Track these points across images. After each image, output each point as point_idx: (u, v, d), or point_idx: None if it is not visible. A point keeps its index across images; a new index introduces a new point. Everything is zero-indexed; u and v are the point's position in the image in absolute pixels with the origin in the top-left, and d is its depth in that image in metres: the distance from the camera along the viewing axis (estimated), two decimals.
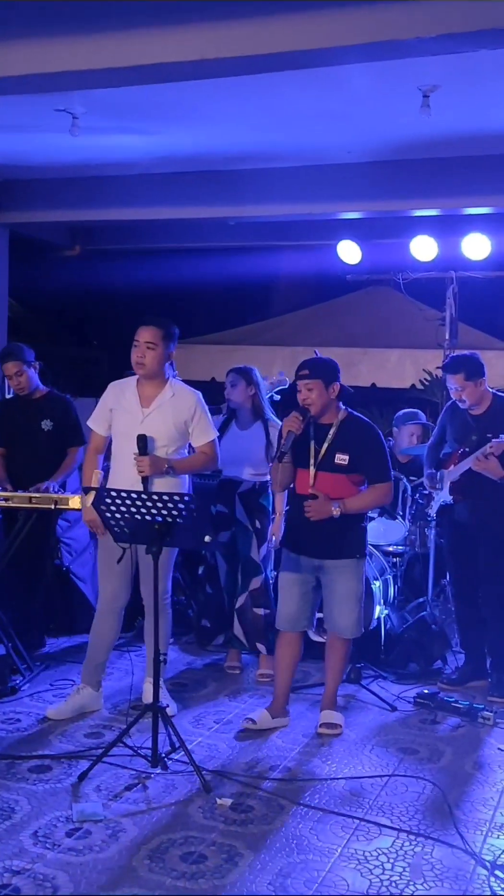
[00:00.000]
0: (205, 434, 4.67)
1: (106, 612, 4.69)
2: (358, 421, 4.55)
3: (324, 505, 4.37)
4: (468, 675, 5.33)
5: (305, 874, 3.23)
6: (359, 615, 4.56)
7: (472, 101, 5.31)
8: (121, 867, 3.22)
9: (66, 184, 7.68)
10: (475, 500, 5.13)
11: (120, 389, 4.68)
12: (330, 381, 4.42)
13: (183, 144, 6.54)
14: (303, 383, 4.41)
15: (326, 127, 6.00)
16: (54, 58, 4.35)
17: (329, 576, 4.51)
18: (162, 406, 4.57)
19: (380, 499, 4.58)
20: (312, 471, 4.43)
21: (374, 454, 4.48)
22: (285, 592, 4.60)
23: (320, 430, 4.45)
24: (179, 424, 4.58)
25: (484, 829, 3.63)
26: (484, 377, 5.13)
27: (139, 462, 4.41)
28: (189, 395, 4.67)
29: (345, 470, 4.41)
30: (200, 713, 4.76)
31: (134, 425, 4.51)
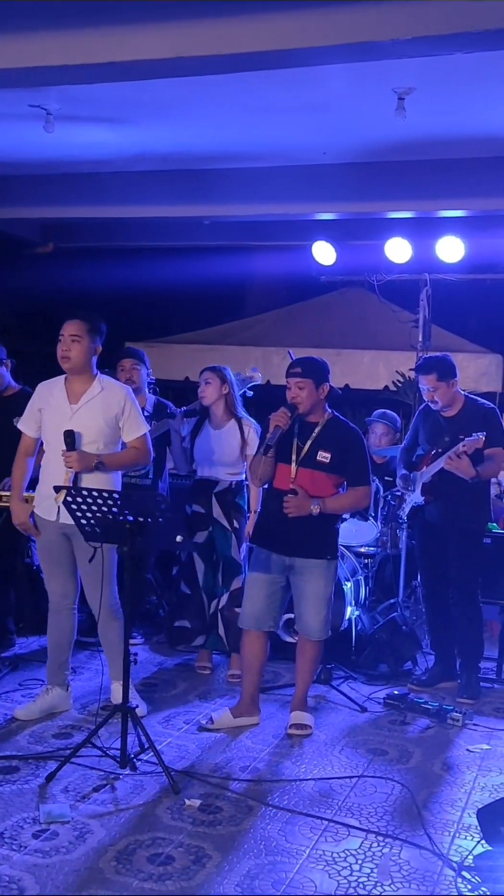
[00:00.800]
0: (136, 429, 4.60)
1: (57, 611, 4.66)
2: (343, 423, 4.59)
3: (303, 501, 4.38)
4: (438, 677, 5.36)
5: (273, 875, 3.23)
6: (326, 617, 4.56)
7: (447, 104, 5.32)
8: (88, 869, 3.20)
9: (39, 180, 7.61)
10: (445, 501, 5.15)
11: (48, 389, 4.60)
12: (321, 381, 4.47)
13: (158, 143, 6.51)
14: (294, 381, 4.43)
15: (302, 127, 5.99)
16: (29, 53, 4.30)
17: (299, 576, 4.51)
18: (91, 401, 4.49)
19: (358, 501, 4.61)
20: (294, 466, 4.43)
21: (356, 457, 4.52)
22: (252, 590, 4.59)
23: (305, 427, 4.48)
24: (109, 419, 4.51)
25: (452, 829, 3.65)
26: (456, 378, 5.16)
27: (66, 458, 4.36)
28: (118, 389, 4.60)
29: (326, 468, 4.43)
30: (170, 714, 4.74)
31: (63, 422, 4.44)
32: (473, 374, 8.95)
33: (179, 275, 9.57)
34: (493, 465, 5.07)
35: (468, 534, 5.18)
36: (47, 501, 4.47)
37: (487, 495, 5.33)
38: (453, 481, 5.04)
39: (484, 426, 5.02)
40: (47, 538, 4.57)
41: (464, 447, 4.88)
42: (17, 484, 4.65)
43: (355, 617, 5.82)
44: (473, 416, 5.13)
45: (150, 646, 5.88)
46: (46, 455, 4.58)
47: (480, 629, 5.27)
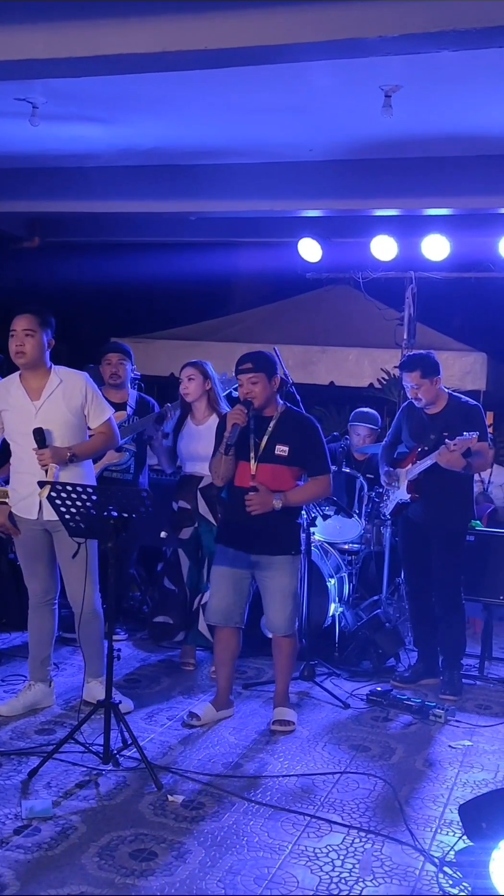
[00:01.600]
0: (101, 414, 4.57)
1: (38, 607, 4.65)
2: (297, 414, 4.59)
3: (265, 497, 4.37)
4: (421, 673, 5.37)
5: (255, 871, 3.23)
6: (293, 612, 4.56)
7: (434, 102, 5.33)
8: (70, 865, 3.20)
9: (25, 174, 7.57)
10: (430, 499, 5.16)
11: (5, 389, 4.54)
12: (272, 374, 4.45)
13: (145, 138, 6.49)
14: (246, 377, 4.41)
15: (288, 124, 5.98)
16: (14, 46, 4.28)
17: (265, 572, 4.50)
18: (52, 395, 4.45)
19: (320, 491, 4.60)
20: (253, 463, 4.42)
21: (314, 446, 4.51)
22: (219, 586, 4.57)
23: (261, 422, 4.46)
24: (75, 409, 4.48)
25: (433, 825, 3.66)
26: (439, 376, 5.17)
27: (40, 456, 4.32)
28: (76, 377, 4.55)
29: (285, 461, 4.42)
30: (154, 710, 4.74)
31: (28, 421, 4.39)
32: (458, 373, 8.98)
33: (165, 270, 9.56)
34: (481, 459, 5.10)
35: (451, 531, 5.19)
36: (26, 500, 4.45)
37: (471, 493, 5.35)
38: (438, 479, 5.06)
39: (468, 423, 5.04)
40: (28, 537, 4.55)
41: (455, 446, 4.88)
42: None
43: (339, 614, 5.84)
44: (457, 414, 5.14)
45: (133, 642, 5.88)
46: (16, 455, 4.52)
47: (463, 626, 5.29)
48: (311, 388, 9.25)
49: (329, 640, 5.74)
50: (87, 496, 3.92)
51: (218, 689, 4.71)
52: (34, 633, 4.67)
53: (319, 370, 9.74)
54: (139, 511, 3.91)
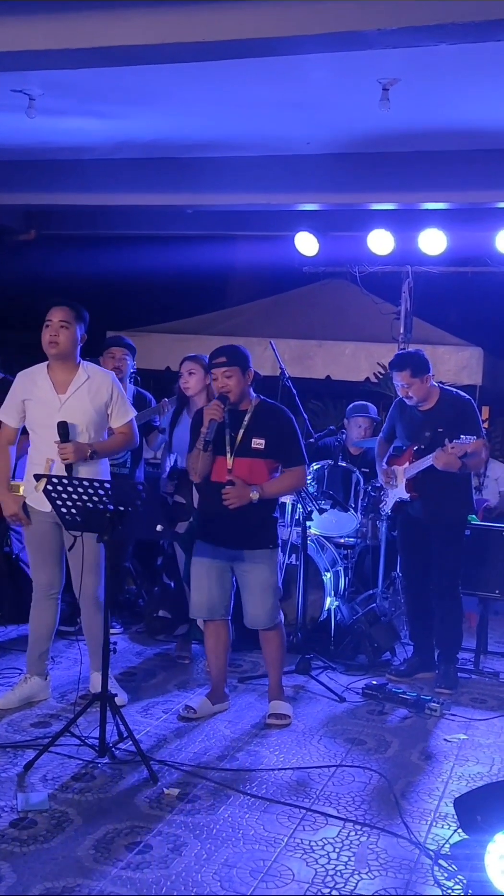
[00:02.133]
0: (123, 414, 4.60)
1: (42, 600, 4.64)
2: (271, 406, 4.55)
3: (242, 490, 4.34)
4: (416, 667, 5.38)
5: (251, 864, 3.24)
6: (273, 605, 4.52)
7: (432, 96, 5.32)
8: (65, 857, 3.20)
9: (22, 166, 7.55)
10: (429, 496, 5.16)
11: (30, 378, 4.55)
12: (245, 367, 4.43)
13: (142, 130, 6.48)
14: (220, 371, 4.39)
15: (286, 117, 5.97)
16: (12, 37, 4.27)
17: (243, 567, 4.48)
18: (78, 390, 4.47)
19: (296, 482, 4.58)
20: (230, 458, 4.41)
21: (288, 438, 4.48)
22: (200, 580, 4.56)
23: (236, 416, 4.44)
24: (99, 407, 4.50)
25: (429, 818, 3.67)
26: (430, 373, 5.15)
27: (62, 450, 4.32)
28: (104, 376, 4.58)
29: (261, 454, 4.41)
30: (149, 703, 4.74)
31: (52, 413, 4.40)
32: (454, 367, 8.98)
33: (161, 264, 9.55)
34: (476, 458, 5.10)
35: (450, 526, 5.20)
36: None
37: (470, 488, 5.35)
38: (437, 477, 5.05)
39: (460, 418, 5.04)
40: (37, 528, 4.53)
41: (453, 449, 4.87)
42: (4, 475, 4.60)
43: (334, 608, 5.84)
44: (449, 409, 5.14)
45: (129, 635, 5.88)
46: (34, 445, 4.54)
47: (460, 620, 5.30)
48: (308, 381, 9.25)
49: (325, 634, 5.74)
50: (84, 489, 3.91)
51: (212, 682, 4.72)
52: (35, 626, 4.66)
53: (316, 364, 9.74)
54: (135, 504, 3.90)
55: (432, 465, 4.99)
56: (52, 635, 4.69)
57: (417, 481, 5.17)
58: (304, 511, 5.47)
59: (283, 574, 5.75)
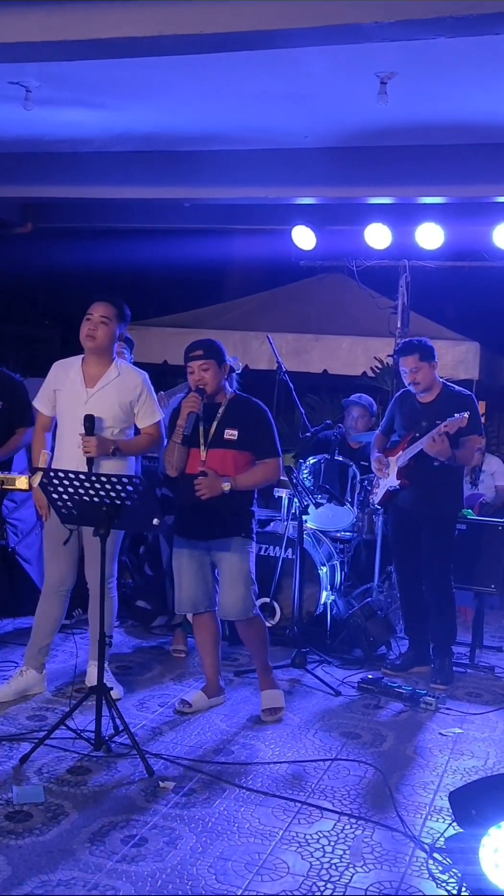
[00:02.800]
0: (151, 415, 4.64)
1: (51, 595, 4.64)
2: (246, 399, 4.54)
3: (214, 481, 4.33)
4: (411, 661, 5.39)
5: (246, 857, 3.24)
6: (245, 595, 4.43)
7: (430, 89, 5.30)
8: (61, 850, 3.20)
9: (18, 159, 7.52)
10: (419, 487, 5.17)
11: (64, 369, 4.62)
12: (221, 361, 4.43)
13: (139, 123, 6.45)
14: (197, 364, 4.39)
15: (283, 111, 5.95)
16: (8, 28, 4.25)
17: (216, 557, 4.47)
18: (107, 386, 4.52)
19: (269, 474, 4.51)
20: (203, 449, 4.40)
21: (262, 430, 4.46)
22: (179, 575, 4.54)
23: (210, 409, 4.44)
24: (125, 405, 4.54)
25: (424, 812, 3.68)
26: (435, 361, 5.20)
27: (85, 442, 4.36)
28: (135, 375, 4.63)
29: (234, 445, 4.39)
30: (145, 696, 4.74)
31: (78, 405, 4.46)
32: (451, 362, 8.98)
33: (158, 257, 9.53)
34: (467, 451, 5.13)
35: (441, 520, 5.21)
36: None
37: (460, 482, 5.36)
38: (428, 467, 5.07)
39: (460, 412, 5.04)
40: (56, 520, 4.51)
41: (446, 427, 4.89)
42: (37, 460, 4.61)
43: (330, 602, 5.85)
44: (450, 403, 5.15)
45: (125, 629, 5.88)
46: (59, 436, 4.57)
47: (454, 615, 5.30)
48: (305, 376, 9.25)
49: (321, 628, 5.75)
50: (80, 483, 3.90)
51: (206, 676, 4.71)
52: (40, 619, 4.65)
53: (313, 358, 9.74)
54: (132, 498, 3.90)
55: (425, 454, 5.00)
56: (55, 631, 4.70)
57: (409, 469, 5.17)
58: (301, 505, 5.47)
59: (280, 568, 5.76)
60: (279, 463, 4.52)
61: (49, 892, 2.94)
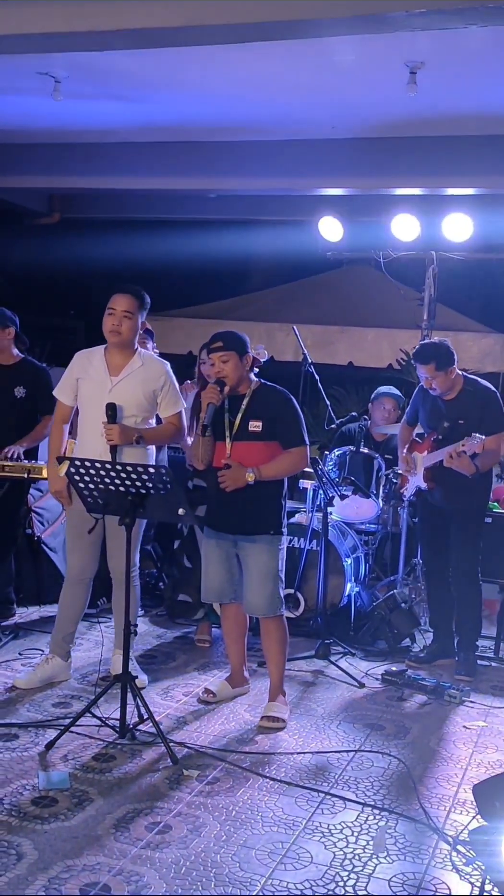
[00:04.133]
0: (174, 405, 4.65)
1: (74, 584, 4.66)
2: (271, 388, 4.48)
3: (238, 472, 4.29)
4: (436, 654, 5.38)
5: (269, 846, 3.26)
6: (272, 593, 4.38)
7: (459, 79, 5.28)
8: (86, 836, 3.23)
9: (46, 149, 7.57)
10: (448, 484, 5.13)
11: (87, 359, 4.62)
12: (243, 352, 4.38)
13: (166, 114, 6.47)
14: (217, 356, 4.35)
15: (311, 101, 5.94)
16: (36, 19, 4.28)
17: (243, 552, 4.43)
18: (131, 375, 4.52)
19: (295, 464, 4.44)
20: (228, 442, 4.38)
21: (287, 419, 4.40)
22: (207, 565, 4.54)
23: (234, 401, 4.40)
24: (148, 394, 4.55)
25: (447, 804, 3.68)
26: (454, 365, 5.09)
27: (108, 430, 4.37)
28: (158, 365, 4.64)
29: (259, 437, 4.35)
30: (169, 685, 4.77)
31: (102, 394, 4.46)
32: (477, 355, 8.92)
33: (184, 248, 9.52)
34: (490, 456, 4.99)
35: (469, 513, 5.18)
36: None
37: (489, 475, 5.32)
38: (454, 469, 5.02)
39: (483, 410, 5.00)
40: (79, 508, 4.52)
41: (463, 447, 4.83)
42: (56, 453, 4.62)
43: (354, 593, 5.85)
44: (472, 400, 5.09)
45: (149, 618, 5.91)
46: (82, 425, 4.59)
47: (479, 607, 5.28)
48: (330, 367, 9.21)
49: (345, 620, 5.75)
50: (106, 472, 3.92)
51: (231, 666, 4.72)
52: (64, 608, 4.69)
53: (338, 350, 9.70)
54: (157, 488, 3.91)
55: None
56: (79, 619, 4.72)
57: (435, 471, 5.14)
58: (326, 497, 5.47)
59: (305, 559, 5.76)
60: (306, 451, 4.45)
61: (74, 876, 2.97)
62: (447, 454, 4.90)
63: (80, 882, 2.94)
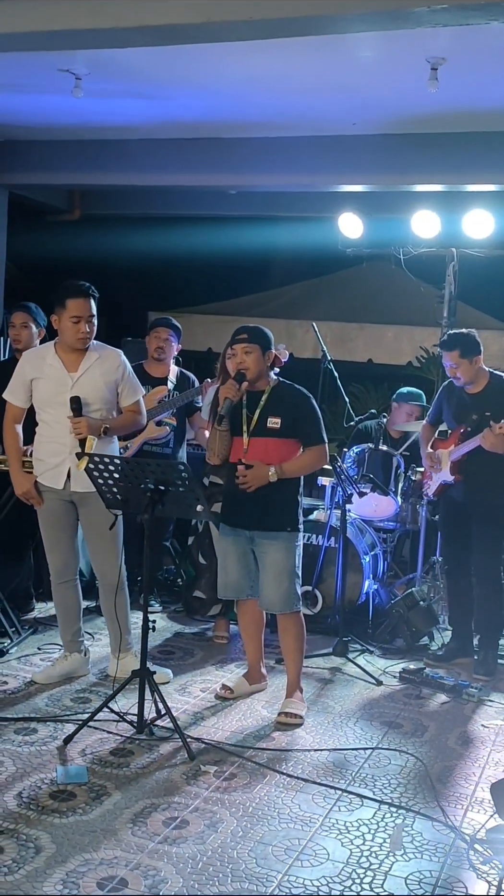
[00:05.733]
0: (134, 393, 4.65)
1: (61, 584, 4.69)
2: (290, 386, 4.49)
3: (260, 471, 4.30)
4: (455, 652, 5.36)
5: (286, 842, 3.26)
6: (288, 590, 4.39)
7: (481, 75, 5.24)
8: (103, 830, 3.25)
9: (66, 146, 7.59)
10: (472, 479, 5.11)
11: (37, 357, 4.55)
12: (266, 348, 4.40)
13: (186, 110, 6.46)
14: (241, 347, 4.37)
15: (332, 97, 5.92)
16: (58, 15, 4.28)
17: (260, 548, 4.43)
18: (90, 369, 4.49)
19: (315, 461, 4.46)
20: (245, 438, 4.39)
21: (307, 417, 4.42)
22: (223, 561, 4.55)
23: (253, 397, 4.41)
24: (110, 384, 4.53)
25: (465, 803, 3.67)
26: (479, 355, 5.10)
27: (76, 424, 4.34)
28: (114, 355, 4.60)
29: (277, 434, 4.35)
30: (187, 681, 4.78)
31: (63, 391, 4.42)
32: (498, 352, 8.84)
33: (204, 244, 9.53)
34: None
35: (491, 510, 5.15)
36: (53, 470, 4.47)
37: None
38: (481, 459, 5.00)
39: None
40: (51, 507, 4.56)
41: (501, 428, 4.81)
42: (16, 454, 4.61)
43: (373, 591, 5.84)
44: (498, 394, 5.08)
45: (167, 614, 5.93)
46: (44, 424, 4.54)
47: (501, 606, 5.26)
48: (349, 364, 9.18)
49: (363, 617, 5.75)
50: (125, 468, 3.94)
51: (248, 662, 4.73)
52: (60, 609, 4.72)
53: (358, 347, 9.68)
54: (175, 484, 3.92)
55: (479, 447, 4.94)
56: (79, 614, 4.75)
57: (462, 464, 5.12)
58: (344, 494, 5.46)
59: (323, 556, 5.76)
60: (325, 449, 4.47)
61: (92, 870, 2.98)
62: (483, 435, 4.85)
63: (98, 876, 2.95)
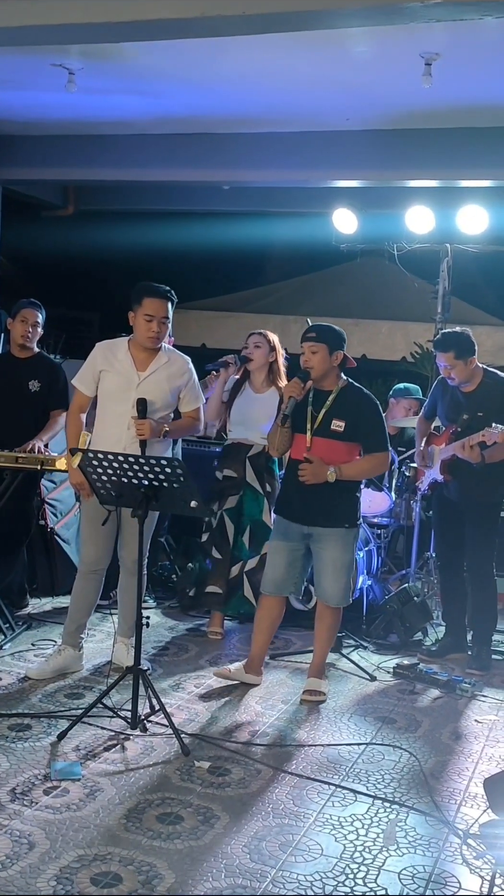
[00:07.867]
0: (195, 400, 4.71)
1: (87, 574, 4.68)
2: (358, 390, 4.57)
3: (319, 468, 4.38)
4: (448, 648, 5.38)
5: (280, 838, 3.26)
6: (346, 584, 4.55)
7: (475, 71, 5.24)
8: (97, 826, 3.24)
9: (60, 141, 7.56)
10: (463, 477, 5.12)
11: (110, 350, 4.63)
12: (335, 347, 4.45)
13: (180, 106, 6.45)
14: (307, 345, 4.44)
15: (326, 93, 5.92)
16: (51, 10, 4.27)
17: (318, 544, 4.52)
18: (158, 370, 4.56)
19: (376, 467, 4.61)
20: (309, 436, 4.44)
21: (372, 423, 4.51)
22: (273, 558, 4.62)
23: (319, 396, 4.47)
24: (173, 389, 4.60)
25: (458, 798, 3.68)
26: (474, 355, 5.08)
27: (139, 426, 4.40)
28: (182, 361, 4.68)
29: (340, 437, 4.43)
30: (181, 677, 4.78)
31: (128, 389, 4.49)
32: (491, 348, 8.88)
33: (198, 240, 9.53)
34: (499, 449, 4.88)
35: (484, 507, 5.16)
36: None
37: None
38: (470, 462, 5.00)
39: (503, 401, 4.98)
40: (96, 500, 4.54)
41: (482, 437, 4.81)
42: (76, 442, 4.64)
43: (367, 587, 5.84)
44: (492, 393, 5.07)
45: (162, 610, 5.93)
46: (101, 417, 4.60)
47: (494, 602, 5.28)
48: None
49: (357, 613, 5.75)
50: (119, 464, 3.93)
51: (251, 653, 4.73)
52: (77, 599, 4.71)
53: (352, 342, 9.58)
54: (170, 481, 3.92)
55: None
56: (92, 610, 4.75)
57: (452, 464, 5.13)
58: None
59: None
60: (388, 457, 4.60)
61: (86, 866, 2.98)
62: (461, 445, 4.89)
63: (92, 872, 2.95)
